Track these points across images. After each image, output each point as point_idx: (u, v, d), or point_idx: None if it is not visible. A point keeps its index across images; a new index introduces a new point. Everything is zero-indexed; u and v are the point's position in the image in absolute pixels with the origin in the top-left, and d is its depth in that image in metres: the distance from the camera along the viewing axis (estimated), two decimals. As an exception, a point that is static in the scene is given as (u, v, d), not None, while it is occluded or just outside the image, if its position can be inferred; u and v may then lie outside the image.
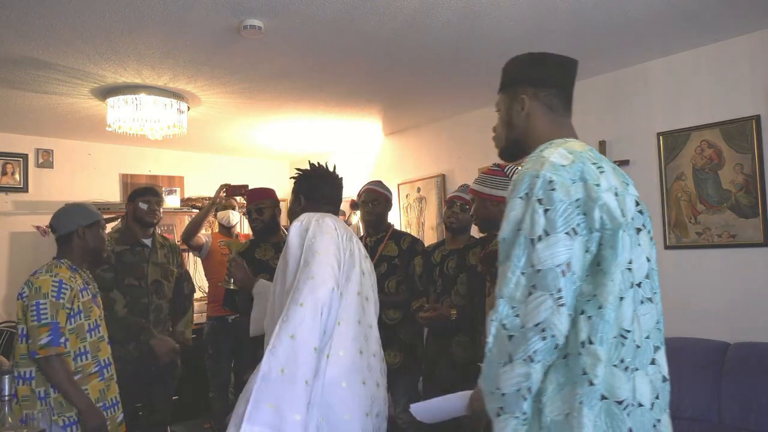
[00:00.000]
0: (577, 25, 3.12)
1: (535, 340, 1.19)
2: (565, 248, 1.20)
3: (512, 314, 1.22)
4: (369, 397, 1.84)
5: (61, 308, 2.28)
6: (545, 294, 1.19)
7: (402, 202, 5.59)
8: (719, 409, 3.10)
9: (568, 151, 1.30)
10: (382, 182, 3.42)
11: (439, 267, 3.11)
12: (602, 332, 1.21)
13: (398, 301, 3.15)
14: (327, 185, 2.26)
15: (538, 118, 1.47)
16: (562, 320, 1.19)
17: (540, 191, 1.24)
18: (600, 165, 1.31)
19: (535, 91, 1.47)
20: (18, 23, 2.93)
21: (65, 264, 2.43)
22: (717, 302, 3.42)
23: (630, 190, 1.38)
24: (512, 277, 1.23)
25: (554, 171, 1.25)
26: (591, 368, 1.20)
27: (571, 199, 1.23)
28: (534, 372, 1.20)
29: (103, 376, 2.43)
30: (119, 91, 3.97)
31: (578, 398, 1.20)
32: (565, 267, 1.20)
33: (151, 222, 3.33)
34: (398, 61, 3.62)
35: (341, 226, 2.03)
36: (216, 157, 6.50)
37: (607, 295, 1.22)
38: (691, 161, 3.54)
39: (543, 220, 1.22)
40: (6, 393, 1.71)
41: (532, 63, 1.51)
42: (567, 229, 1.21)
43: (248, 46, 3.31)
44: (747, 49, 3.34)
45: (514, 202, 1.28)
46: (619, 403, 1.21)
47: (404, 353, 3.13)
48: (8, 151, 5.27)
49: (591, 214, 1.23)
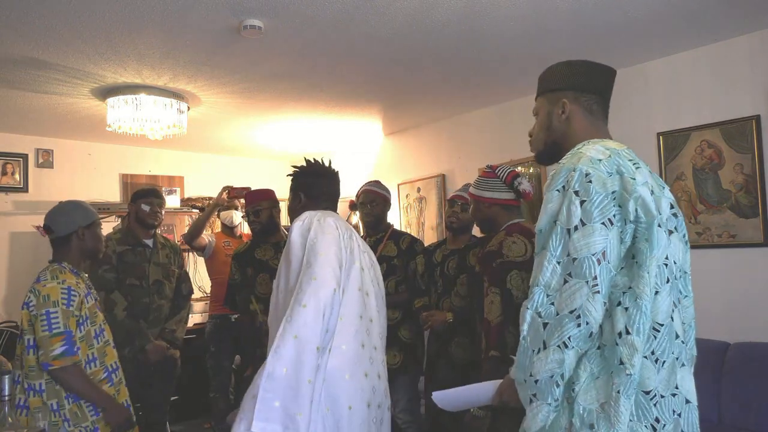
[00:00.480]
0: (577, 25, 3.12)
1: (570, 326, 1.22)
2: (601, 238, 1.24)
3: (547, 302, 1.25)
4: (371, 388, 1.89)
5: (71, 316, 2.20)
6: (581, 281, 1.23)
7: (402, 202, 5.59)
8: (719, 409, 3.10)
9: (605, 147, 1.34)
10: (380, 182, 3.42)
11: (439, 267, 3.11)
12: (639, 323, 1.23)
13: (399, 301, 3.15)
14: (325, 181, 2.25)
15: (578, 121, 1.50)
16: (597, 307, 1.22)
17: (577, 184, 1.27)
18: (636, 162, 1.35)
19: (576, 95, 1.51)
20: (18, 23, 2.93)
21: (68, 268, 2.33)
22: (717, 302, 3.42)
23: (666, 193, 1.41)
24: (548, 265, 1.27)
25: (591, 165, 1.29)
26: (628, 358, 1.22)
27: (607, 191, 1.26)
28: (567, 358, 1.23)
29: (112, 381, 2.37)
30: (119, 91, 3.97)
31: (615, 387, 1.22)
32: (601, 256, 1.23)
33: (153, 224, 3.34)
34: (398, 61, 3.62)
35: (342, 224, 2.05)
36: (216, 157, 6.50)
37: (643, 287, 1.24)
38: (691, 161, 3.54)
39: (579, 211, 1.25)
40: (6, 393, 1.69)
41: (573, 69, 1.54)
42: (603, 219, 1.25)
43: (248, 46, 3.31)
44: (747, 49, 3.35)
45: (552, 194, 1.32)
46: (646, 393, 1.24)
47: (404, 353, 3.13)
48: (8, 151, 5.27)
49: (626, 206, 1.26)
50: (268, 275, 3.05)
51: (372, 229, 3.32)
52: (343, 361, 1.83)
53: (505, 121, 4.63)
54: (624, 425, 1.20)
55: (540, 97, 1.59)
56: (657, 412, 1.24)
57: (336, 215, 2.12)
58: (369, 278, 2.06)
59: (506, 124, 4.61)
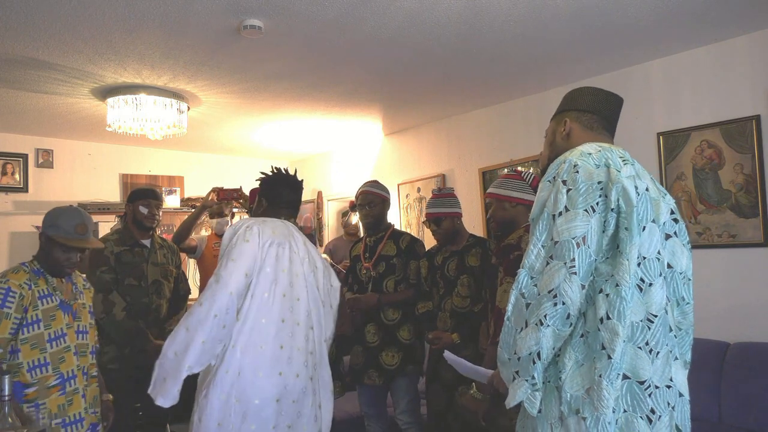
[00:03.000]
0: (577, 25, 3.12)
1: (548, 305, 1.29)
2: (582, 223, 1.31)
3: (531, 284, 1.33)
4: (284, 386, 2.06)
5: (4, 318, 2.10)
6: (560, 263, 1.29)
7: (402, 202, 5.59)
8: (719, 408, 3.10)
9: (599, 145, 1.44)
10: (378, 182, 3.41)
11: (440, 270, 3.11)
12: (620, 308, 1.28)
13: (399, 300, 3.15)
14: (288, 191, 2.40)
15: (577, 135, 1.58)
16: (574, 288, 1.28)
17: (565, 174, 1.36)
18: (627, 159, 1.43)
19: (577, 114, 1.60)
20: (18, 23, 2.93)
21: (28, 268, 2.25)
22: (717, 302, 3.42)
23: (667, 199, 1.49)
24: (534, 249, 1.35)
25: (580, 157, 1.38)
26: (609, 343, 1.27)
27: (593, 181, 1.34)
28: (543, 336, 1.29)
29: (64, 390, 2.23)
30: (119, 91, 3.97)
31: (597, 372, 1.27)
32: (581, 240, 1.30)
33: (150, 226, 3.32)
34: (398, 61, 3.62)
35: (280, 231, 2.21)
36: (216, 157, 6.50)
37: (623, 274, 1.29)
38: (691, 161, 3.54)
39: (565, 199, 1.33)
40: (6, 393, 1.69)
41: (579, 93, 1.66)
42: (586, 206, 1.32)
43: (248, 46, 3.31)
44: (747, 49, 3.35)
45: (543, 184, 1.41)
46: (641, 383, 1.28)
47: (403, 354, 3.13)
48: (8, 151, 5.28)
49: (609, 196, 1.33)
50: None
51: (372, 229, 3.32)
52: (258, 360, 2.04)
53: (505, 121, 4.63)
54: (608, 409, 1.24)
55: (551, 121, 1.71)
56: (652, 403, 1.27)
57: (280, 222, 2.27)
58: (302, 285, 2.20)
59: (506, 124, 4.61)
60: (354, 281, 3.35)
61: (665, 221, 1.42)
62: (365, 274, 3.24)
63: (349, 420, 3.84)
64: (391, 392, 3.24)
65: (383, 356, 3.12)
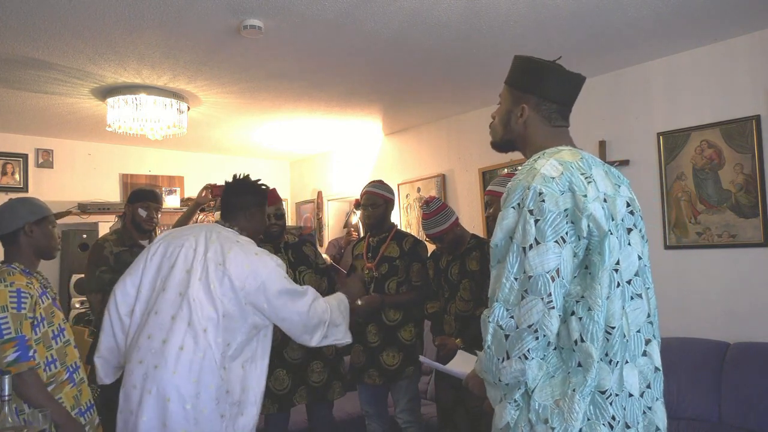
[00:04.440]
0: (577, 25, 3.12)
1: (529, 339, 1.30)
2: (554, 255, 1.30)
3: (507, 316, 1.33)
4: (143, 374, 2.09)
5: (24, 319, 2.09)
6: (537, 298, 1.30)
7: (402, 202, 5.59)
8: (719, 408, 3.10)
9: (559, 162, 1.38)
10: (382, 183, 3.39)
11: (444, 273, 3.10)
12: (593, 331, 1.30)
13: (403, 302, 3.15)
14: (231, 195, 2.47)
15: (534, 127, 1.53)
16: (553, 321, 1.30)
17: (531, 202, 1.33)
18: (589, 174, 1.38)
19: (537, 102, 1.53)
20: (18, 23, 2.93)
21: (18, 269, 2.21)
22: (717, 302, 3.42)
23: (621, 191, 1.47)
24: (506, 282, 1.34)
25: (544, 183, 1.34)
26: (584, 363, 1.31)
27: (559, 209, 1.32)
28: (529, 368, 1.32)
29: (74, 381, 2.28)
30: (119, 91, 3.97)
31: (572, 386, 1.31)
32: (555, 273, 1.30)
33: (148, 229, 3.32)
34: (398, 61, 3.63)
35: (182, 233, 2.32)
36: (216, 157, 6.50)
37: (596, 298, 1.31)
38: (691, 161, 3.54)
39: (534, 230, 1.31)
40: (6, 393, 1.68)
41: (542, 74, 1.55)
42: (556, 237, 1.31)
43: (248, 46, 3.31)
44: (747, 49, 3.35)
45: (507, 211, 1.38)
46: (602, 392, 1.32)
47: (404, 354, 3.13)
48: (8, 151, 5.28)
49: (579, 224, 1.32)
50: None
51: (375, 229, 3.31)
52: (131, 350, 2.16)
53: (505, 121, 4.63)
54: (578, 422, 1.28)
55: (507, 86, 1.62)
56: (613, 410, 1.31)
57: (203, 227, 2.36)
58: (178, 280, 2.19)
59: (506, 124, 4.61)
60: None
61: (623, 217, 1.41)
62: (368, 274, 3.24)
63: (350, 420, 3.84)
64: (391, 391, 3.24)
65: (384, 356, 3.12)
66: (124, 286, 2.26)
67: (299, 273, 3.06)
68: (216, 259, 2.18)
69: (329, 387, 3.03)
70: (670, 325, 3.58)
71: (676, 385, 3.23)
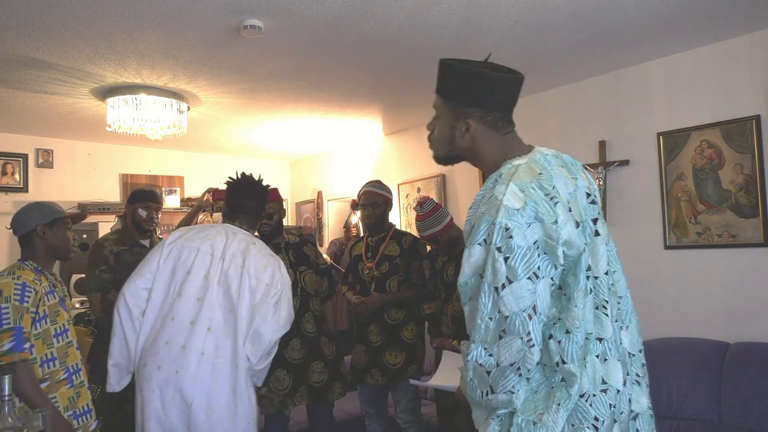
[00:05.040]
0: (577, 24, 3.12)
1: (512, 377, 1.27)
2: (528, 293, 1.25)
3: (486, 354, 1.29)
4: (165, 379, 2.12)
5: (25, 312, 2.14)
6: (515, 338, 1.25)
7: (402, 202, 5.59)
8: (719, 409, 3.10)
9: (519, 188, 1.30)
10: (381, 183, 3.40)
11: (440, 274, 3.10)
12: (572, 352, 1.28)
13: (404, 299, 3.16)
14: (242, 196, 2.49)
15: (483, 140, 1.45)
16: (534, 357, 1.27)
17: (498, 239, 1.26)
18: (552, 190, 1.31)
19: (482, 114, 1.43)
20: (18, 23, 2.93)
21: (29, 266, 2.31)
22: (717, 302, 3.42)
23: (579, 183, 1.41)
24: (481, 323, 1.29)
25: (509, 217, 1.26)
26: (569, 380, 1.29)
27: (528, 243, 1.26)
28: (516, 399, 1.30)
29: (72, 383, 2.29)
30: (119, 91, 3.97)
31: (556, 400, 1.28)
32: (531, 311, 1.25)
33: (148, 229, 3.32)
34: (398, 61, 3.63)
35: (210, 239, 2.29)
36: (216, 157, 6.50)
37: (573, 320, 1.28)
38: (691, 161, 3.54)
39: (504, 269, 1.25)
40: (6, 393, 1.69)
41: (483, 84, 1.44)
42: (528, 273, 1.25)
43: (248, 46, 3.31)
44: (747, 49, 3.34)
45: (474, 248, 1.31)
46: (581, 396, 1.30)
47: (407, 353, 3.14)
48: (8, 151, 5.28)
49: (554, 253, 1.27)
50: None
51: (374, 229, 3.32)
52: (147, 355, 2.18)
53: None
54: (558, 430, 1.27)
55: (441, 98, 1.51)
56: (594, 411, 1.29)
57: (219, 227, 2.36)
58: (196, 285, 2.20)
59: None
60: (356, 281, 3.35)
61: (585, 211, 1.37)
62: (368, 273, 3.24)
63: (350, 420, 3.84)
64: (391, 391, 3.25)
65: (386, 356, 3.12)
66: (135, 287, 2.25)
67: (300, 273, 3.06)
68: (236, 260, 2.21)
69: (329, 387, 3.04)
70: (670, 325, 3.59)
71: (676, 385, 3.23)
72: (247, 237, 2.34)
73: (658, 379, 3.30)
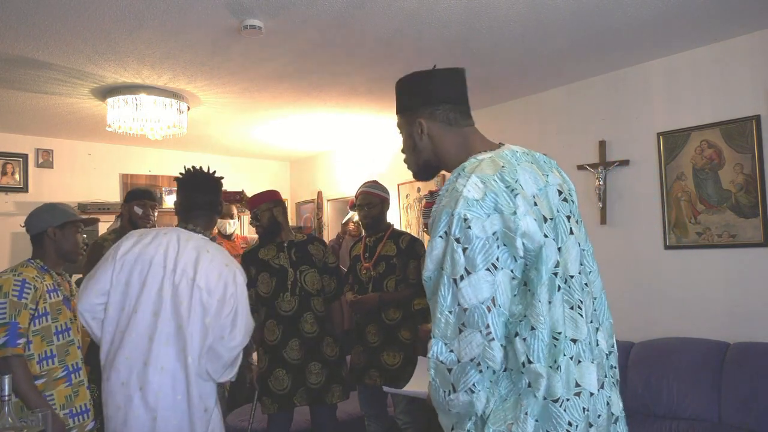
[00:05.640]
0: (577, 25, 3.12)
1: (473, 373, 1.24)
2: (487, 285, 1.23)
3: (446, 350, 1.26)
4: (127, 396, 2.06)
5: (23, 308, 2.17)
6: (475, 331, 1.23)
7: (402, 202, 5.59)
8: (719, 408, 3.10)
9: (480, 179, 1.29)
10: (377, 183, 3.40)
11: None
12: (538, 351, 1.25)
13: (400, 299, 3.16)
14: (198, 192, 2.33)
15: (439, 136, 1.47)
16: (495, 352, 1.24)
17: (457, 230, 1.25)
18: (514, 183, 1.31)
19: (429, 110, 1.46)
20: (18, 23, 2.93)
21: (34, 264, 2.34)
22: (717, 302, 3.42)
23: (551, 179, 1.40)
24: (441, 317, 1.27)
25: (468, 207, 1.26)
26: (534, 383, 1.25)
27: (487, 234, 1.25)
28: (477, 400, 1.26)
29: (70, 381, 2.31)
30: (119, 91, 3.97)
31: (524, 409, 1.25)
32: (490, 303, 1.23)
33: (144, 227, 3.33)
34: (398, 60, 3.62)
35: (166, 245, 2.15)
36: (216, 157, 6.49)
37: (537, 316, 1.25)
38: (691, 161, 3.54)
39: (463, 260, 1.24)
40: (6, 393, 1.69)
41: (419, 84, 1.49)
42: (487, 265, 1.24)
43: (248, 46, 3.31)
44: (747, 49, 3.34)
45: (435, 241, 1.30)
46: (555, 401, 1.26)
47: (405, 353, 3.13)
48: (8, 151, 5.28)
49: (513, 245, 1.25)
50: (268, 274, 3.05)
51: (371, 229, 3.32)
52: (109, 369, 2.10)
53: (503, 121, 4.63)
54: None
55: (399, 116, 1.55)
56: (568, 416, 1.26)
57: (167, 234, 2.20)
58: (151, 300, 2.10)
59: (505, 124, 4.61)
60: (354, 281, 3.35)
61: (558, 207, 1.35)
62: (365, 274, 3.24)
63: (349, 420, 3.84)
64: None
65: (384, 356, 3.12)
66: (90, 305, 2.14)
67: (300, 272, 3.05)
68: (187, 274, 2.11)
69: (328, 390, 3.02)
70: (670, 325, 3.58)
71: (676, 385, 3.23)
72: (199, 243, 2.19)
73: (658, 379, 3.31)
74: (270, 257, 3.08)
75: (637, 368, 3.41)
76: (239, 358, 2.21)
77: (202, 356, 2.11)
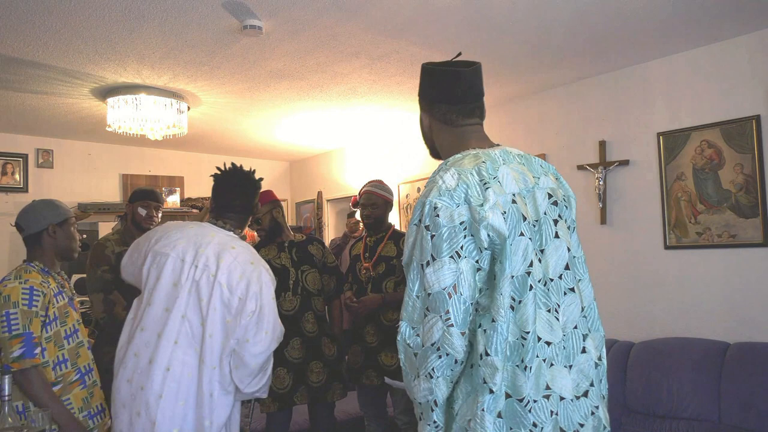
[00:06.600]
0: (577, 25, 3.12)
1: (433, 358, 1.27)
2: (450, 272, 1.26)
3: (413, 334, 1.31)
4: (131, 394, 1.99)
5: (34, 317, 2.10)
6: (436, 316, 1.27)
7: (402, 202, 5.59)
8: (719, 409, 3.10)
9: (458, 171, 1.33)
10: (382, 183, 3.39)
11: None
12: (497, 344, 1.26)
13: (399, 299, 3.15)
14: (233, 193, 2.29)
15: (438, 132, 1.54)
16: (454, 340, 1.26)
17: (427, 218, 1.30)
18: (490, 179, 1.32)
19: (429, 108, 1.53)
20: (18, 23, 2.93)
21: (36, 268, 2.26)
22: (717, 302, 3.42)
23: (541, 183, 1.41)
24: (409, 301, 1.32)
25: (439, 196, 1.30)
26: (490, 378, 1.26)
27: (454, 223, 1.27)
28: (436, 387, 1.29)
29: (85, 383, 2.27)
30: (119, 91, 3.97)
31: (480, 405, 1.26)
32: (452, 289, 1.26)
33: (148, 227, 3.32)
34: (398, 61, 3.63)
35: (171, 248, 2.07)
36: (216, 157, 6.49)
37: (498, 308, 1.27)
38: (691, 161, 3.54)
39: (430, 246, 1.28)
40: (6, 393, 1.69)
41: (424, 80, 1.55)
42: (451, 252, 1.27)
43: (248, 46, 3.31)
44: (747, 49, 3.35)
45: (411, 228, 1.35)
46: (520, 400, 1.27)
47: (404, 353, 3.14)
48: (8, 151, 5.28)
49: (478, 235, 1.27)
50: (269, 274, 3.05)
51: (373, 229, 3.32)
52: (118, 366, 2.06)
53: (503, 121, 4.63)
54: None
55: None
56: (533, 417, 1.27)
57: (201, 225, 2.17)
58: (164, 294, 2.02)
59: (505, 124, 4.61)
60: (354, 281, 3.35)
61: (545, 210, 1.37)
62: (365, 274, 3.24)
63: (349, 420, 3.84)
64: (390, 392, 3.24)
65: (382, 357, 3.12)
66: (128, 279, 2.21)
67: (302, 272, 3.06)
68: (208, 269, 1.99)
69: (329, 388, 3.03)
70: (670, 325, 3.59)
71: (676, 385, 3.24)
72: (225, 239, 2.09)
73: (658, 379, 3.31)
74: (271, 257, 3.08)
75: (637, 368, 3.42)
76: (268, 368, 2.07)
77: (224, 361, 1.96)
